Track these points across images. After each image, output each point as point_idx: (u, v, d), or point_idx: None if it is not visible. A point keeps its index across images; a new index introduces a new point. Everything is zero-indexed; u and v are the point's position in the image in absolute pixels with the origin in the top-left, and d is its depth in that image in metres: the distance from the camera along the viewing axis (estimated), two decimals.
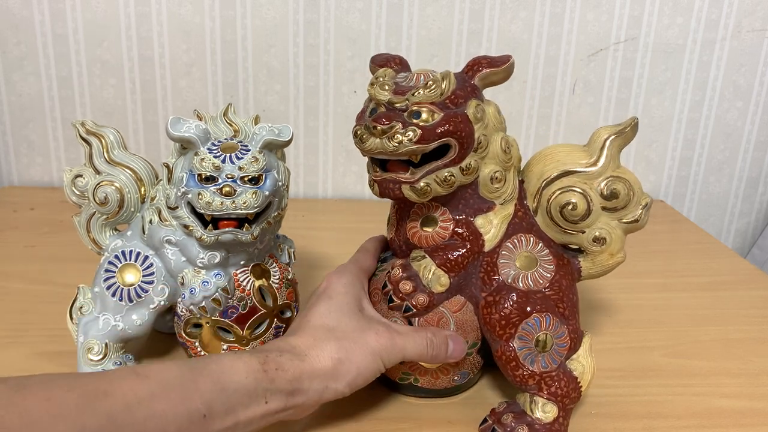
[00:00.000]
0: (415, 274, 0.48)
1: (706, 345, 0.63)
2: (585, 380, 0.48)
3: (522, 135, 1.01)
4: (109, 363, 0.51)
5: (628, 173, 0.49)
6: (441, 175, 0.45)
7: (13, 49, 0.94)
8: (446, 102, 0.45)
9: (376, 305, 0.51)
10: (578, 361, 0.48)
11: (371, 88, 0.46)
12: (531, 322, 0.47)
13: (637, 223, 0.50)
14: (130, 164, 0.53)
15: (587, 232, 0.49)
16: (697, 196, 1.07)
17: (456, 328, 0.49)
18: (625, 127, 0.49)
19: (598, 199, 0.49)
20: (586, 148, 0.50)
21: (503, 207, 0.49)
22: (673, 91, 1.00)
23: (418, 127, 0.43)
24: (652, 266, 0.81)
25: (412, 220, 0.50)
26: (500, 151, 0.48)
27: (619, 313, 0.69)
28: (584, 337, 0.50)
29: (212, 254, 0.51)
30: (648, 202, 0.49)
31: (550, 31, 0.96)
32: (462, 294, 0.49)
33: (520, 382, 0.48)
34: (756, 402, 0.54)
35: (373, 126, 0.44)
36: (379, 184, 0.46)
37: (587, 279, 0.51)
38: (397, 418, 0.51)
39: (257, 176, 0.48)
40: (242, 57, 0.96)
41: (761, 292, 0.74)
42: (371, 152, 0.45)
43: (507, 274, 0.48)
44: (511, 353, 0.47)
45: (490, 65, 0.47)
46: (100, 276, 0.52)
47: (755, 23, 0.97)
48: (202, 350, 0.53)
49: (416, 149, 0.44)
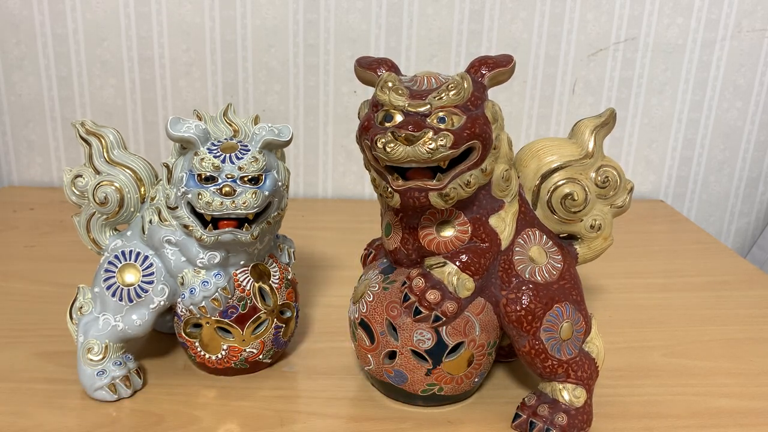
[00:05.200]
0: (438, 282, 0.47)
1: (706, 345, 0.63)
2: (600, 359, 0.50)
3: (522, 135, 1.01)
4: (109, 363, 0.51)
5: (614, 161, 0.52)
6: (464, 178, 0.44)
7: (13, 49, 0.94)
8: (467, 104, 0.44)
9: (396, 319, 0.49)
10: (593, 343, 0.51)
11: (383, 94, 0.44)
12: (554, 313, 0.48)
13: (623, 207, 0.52)
14: (129, 164, 0.53)
15: (585, 221, 0.51)
16: (697, 196, 1.07)
17: (481, 330, 0.49)
18: (606, 118, 0.51)
19: (594, 187, 0.51)
20: (573, 140, 0.52)
21: (511, 204, 0.50)
22: (673, 91, 1.00)
23: (449, 131, 0.42)
24: (652, 266, 0.80)
25: (425, 227, 0.48)
26: (508, 150, 0.48)
27: (619, 313, 0.69)
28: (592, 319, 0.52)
29: (212, 254, 0.50)
30: (632, 186, 0.53)
31: (550, 31, 0.96)
32: (482, 295, 0.49)
33: (550, 372, 0.49)
34: (756, 402, 0.54)
35: (402, 134, 0.42)
36: (402, 193, 0.44)
37: (582, 263, 0.53)
38: (397, 418, 0.51)
39: (257, 176, 0.48)
40: (242, 57, 0.96)
41: (761, 292, 0.74)
42: (400, 161, 0.43)
43: (524, 269, 0.49)
44: (540, 346, 0.48)
45: (497, 65, 0.47)
46: (100, 276, 0.52)
47: (755, 23, 0.97)
48: (202, 350, 0.53)
49: (450, 155, 0.43)
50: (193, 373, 0.56)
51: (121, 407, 0.51)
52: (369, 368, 0.52)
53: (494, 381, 0.56)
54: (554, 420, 0.48)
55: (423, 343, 0.48)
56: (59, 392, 0.52)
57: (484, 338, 0.49)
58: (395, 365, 0.49)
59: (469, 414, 0.52)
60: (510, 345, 0.52)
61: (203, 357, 0.54)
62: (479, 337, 0.49)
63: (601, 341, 0.51)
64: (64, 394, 0.52)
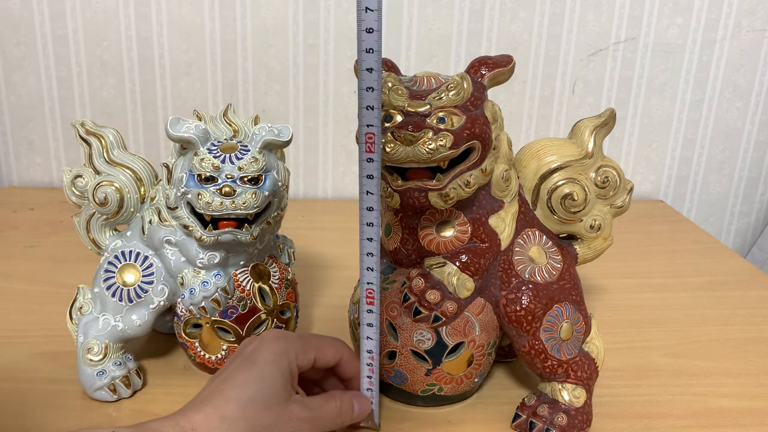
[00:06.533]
0: (438, 282, 0.47)
1: (706, 345, 0.63)
2: (600, 359, 0.51)
3: (522, 135, 1.01)
4: (109, 363, 0.51)
5: (613, 161, 0.52)
6: (464, 179, 0.44)
7: (13, 49, 0.94)
8: (467, 104, 0.44)
9: (396, 319, 0.49)
10: (592, 343, 0.51)
11: (382, 94, 0.44)
12: (554, 314, 0.48)
13: (623, 207, 0.52)
14: (129, 164, 0.53)
15: (584, 221, 0.51)
16: (697, 196, 1.07)
17: (481, 330, 0.49)
18: (606, 118, 0.51)
19: (593, 188, 0.51)
20: (573, 140, 0.52)
21: (510, 204, 0.50)
22: (673, 91, 1.00)
23: (449, 131, 0.42)
24: (652, 266, 0.80)
25: (425, 227, 0.48)
26: (507, 150, 0.48)
27: (619, 313, 0.69)
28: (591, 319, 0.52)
29: (212, 254, 0.50)
30: (632, 186, 0.53)
31: (550, 31, 0.96)
32: (482, 295, 0.49)
33: (549, 372, 0.49)
34: (756, 402, 0.54)
35: (402, 134, 0.42)
36: (401, 193, 0.44)
37: (582, 264, 0.53)
38: (397, 418, 0.51)
39: (257, 176, 0.48)
40: (242, 57, 0.96)
41: (761, 292, 0.74)
42: (400, 161, 0.43)
43: (523, 269, 0.49)
44: (540, 346, 0.48)
45: (497, 65, 0.47)
46: (100, 276, 0.52)
47: (755, 23, 0.97)
48: (202, 350, 0.53)
49: (449, 155, 0.43)
50: (193, 373, 0.56)
51: (121, 407, 0.51)
52: None
53: (494, 381, 0.56)
54: (554, 420, 0.48)
55: (423, 343, 0.48)
56: (59, 392, 0.52)
57: (484, 338, 0.49)
58: (395, 365, 0.49)
59: (469, 414, 0.52)
60: (510, 345, 0.52)
61: (203, 357, 0.54)
62: (479, 337, 0.49)
63: (600, 341, 0.51)
64: (64, 394, 0.52)
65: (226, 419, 0.39)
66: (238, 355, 0.44)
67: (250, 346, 0.44)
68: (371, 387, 0.48)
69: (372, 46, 0.39)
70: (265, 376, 0.42)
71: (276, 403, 0.41)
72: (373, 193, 0.42)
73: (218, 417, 0.39)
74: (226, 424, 0.39)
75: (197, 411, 0.39)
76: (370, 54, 0.40)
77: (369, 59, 0.40)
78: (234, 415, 0.39)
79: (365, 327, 0.46)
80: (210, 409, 0.39)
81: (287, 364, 0.43)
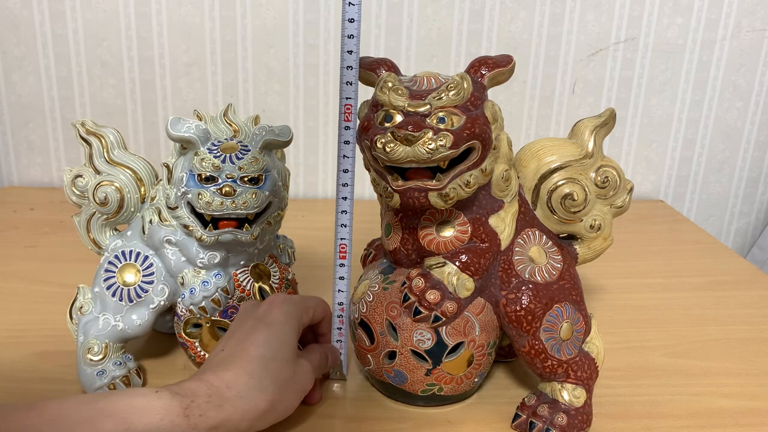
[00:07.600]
0: (438, 282, 0.47)
1: (706, 345, 0.63)
2: (600, 359, 0.51)
3: (522, 135, 1.01)
4: (109, 363, 0.51)
5: (613, 161, 0.52)
6: (464, 179, 0.44)
7: (13, 49, 0.94)
8: (467, 104, 0.44)
9: (396, 319, 0.49)
10: (592, 343, 0.51)
11: (382, 94, 0.44)
12: (554, 313, 0.48)
13: (623, 207, 0.53)
14: (130, 164, 0.53)
15: (585, 221, 0.51)
16: (697, 196, 1.07)
17: (481, 330, 0.49)
18: (606, 118, 0.51)
19: (593, 188, 0.51)
20: (573, 140, 0.52)
21: (510, 204, 0.50)
22: (673, 91, 1.00)
23: (449, 131, 0.42)
24: (652, 266, 0.81)
25: (425, 227, 0.48)
26: (507, 150, 0.48)
27: (619, 313, 0.69)
28: (591, 319, 0.52)
29: (212, 254, 0.51)
30: (632, 186, 0.53)
31: (550, 31, 0.96)
32: (482, 295, 0.49)
33: (549, 372, 0.49)
34: (756, 402, 0.54)
35: (402, 134, 0.42)
36: (401, 193, 0.44)
37: (582, 264, 0.53)
38: (397, 418, 0.51)
39: (257, 176, 0.49)
40: (242, 57, 0.96)
41: (761, 292, 0.74)
42: (400, 161, 0.43)
43: (523, 269, 0.49)
44: (540, 346, 0.48)
45: (497, 65, 0.47)
46: (100, 276, 0.52)
47: (755, 23, 0.97)
48: (202, 350, 0.53)
49: (449, 155, 0.43)
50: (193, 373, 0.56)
51: None
52: (369, 368, 0.52)
53: (494, 381, 0.56)
54: (554, 420, 0.48)
55: (423, 343, 0.48)
56: (59, 392, 0.52)
57: (484, 338, 0.49)
58: (395, 365, 0.49)
59: (469, 414, 0.52)
60: (510, 345, 0.52)
61: (203, 357, 0.54)
62: (479, 337, 0.49)
63: (600, 341, 0.51)
64: (64, 393, 0.52)
65: (254, 376, 0.43)
66: (248, 317, 0.48)
67: (259, 308, 0.48)
68: (341, 338, 0.54)
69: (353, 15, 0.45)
70: (282, 335, 0.46)
71: (292, 358, 0.46)
72: (348, 157, 0.49)
73: (246, 374, 0.43)
74: (254, 380, 0.42)
75: (226, 369, 0.43)
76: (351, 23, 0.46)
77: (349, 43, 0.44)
78: (260, 372, 0.43)
79: (337, 280, 0.50)
80: (238, 368, 0.43)
81: (297, 323, 0.48)
